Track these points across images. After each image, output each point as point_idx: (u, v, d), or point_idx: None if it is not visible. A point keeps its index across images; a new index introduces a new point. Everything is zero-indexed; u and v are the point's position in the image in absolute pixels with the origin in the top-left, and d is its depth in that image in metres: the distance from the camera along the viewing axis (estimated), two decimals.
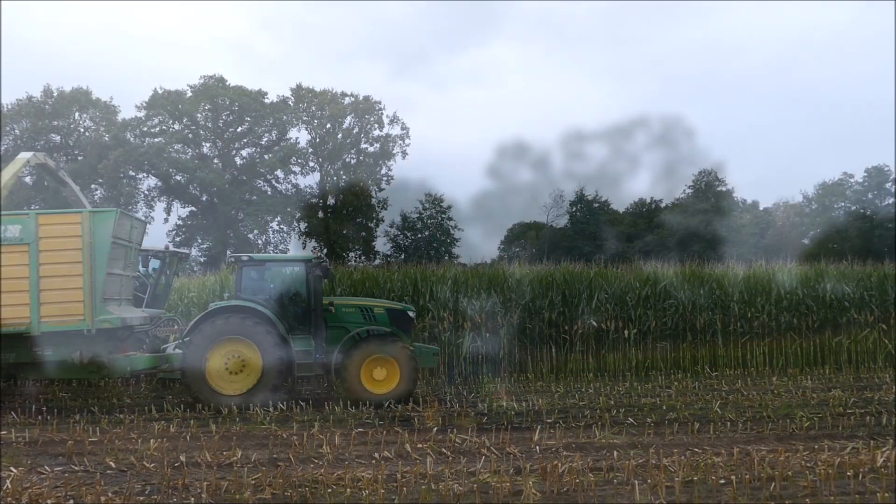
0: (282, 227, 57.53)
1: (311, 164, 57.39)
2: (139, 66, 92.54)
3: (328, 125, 56.65)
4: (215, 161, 54.65)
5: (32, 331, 11.97)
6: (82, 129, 57.52)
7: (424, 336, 16.50)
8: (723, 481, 7.10)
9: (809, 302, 17.95)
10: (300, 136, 57.25)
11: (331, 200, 56.98)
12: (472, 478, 7.39)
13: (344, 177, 57.10)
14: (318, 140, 56.63)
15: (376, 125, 58.15)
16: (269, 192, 55.73)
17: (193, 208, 54.11)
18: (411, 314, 14.01)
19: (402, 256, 64.09)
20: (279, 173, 56.19)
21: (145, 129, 53.52)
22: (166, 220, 52.86)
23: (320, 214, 56.73)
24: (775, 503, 6.24)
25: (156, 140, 52.29)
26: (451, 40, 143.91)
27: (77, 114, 57.19)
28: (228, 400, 12.21)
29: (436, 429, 10.03)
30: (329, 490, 6.88)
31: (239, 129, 55.25)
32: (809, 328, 17.79)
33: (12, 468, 8.08)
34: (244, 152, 56.91)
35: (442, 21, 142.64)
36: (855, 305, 18.00)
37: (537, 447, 8.93)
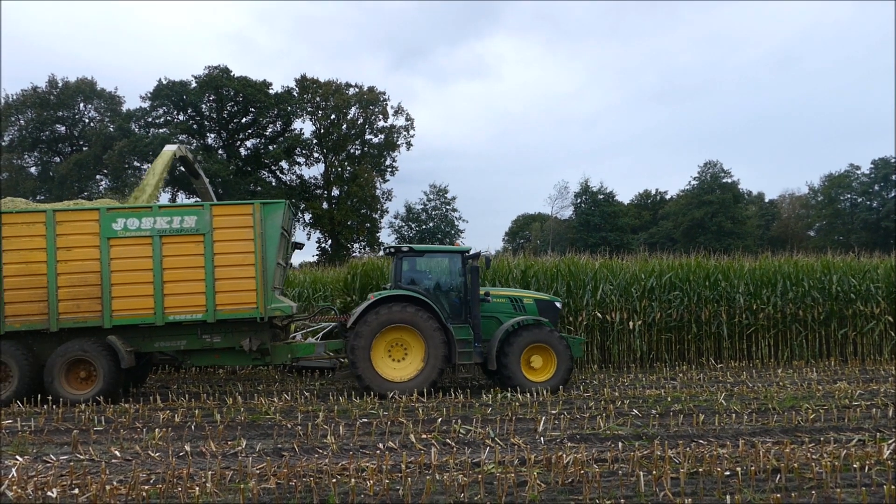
0: None
1: (316, 154, 57.38)
2: (143, 57, 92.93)
3: (333, 116, 56.54)
4: (220, 152, 54.66)
5: (208, 318, 12.40)
6: (87, 120, 57.66)
7: None
8: (728, 473, 7.08)
9: (815, 294, 17.87)
10: (305, 126, 57.22)
11: (335, 191, 56.97)
12: (476, 469, 7.38)
13: (349, 168, 57.01)
14: (322, 131, 56.55)
15: (381, 116, 58.05)
16: (274, 183, 55.72)
17: (198, 199, 54.19)
18: (558, 304, 14.31)
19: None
20: (284, 164, 56.20)
21: (150, 119, 53.57)
22: None
23: (325, 205, 56.70)
24: (781, 495, 6.21)
25: (160, 131, 52.30)
26: (450, 33, 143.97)
27: (82, 104, 57.34)
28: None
29: (440, 419, 10.03)
30: (334, 480, 6.88)
31: (244, 120, 55.22)
32: (815, 320, 17.72)
33: (18, 456, 8.13)
34: (249, 143, 56.95)
35: (442, 13, 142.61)
36: (861, 297, 17.92)
37: (542, 438, 8.92)
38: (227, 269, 12.44)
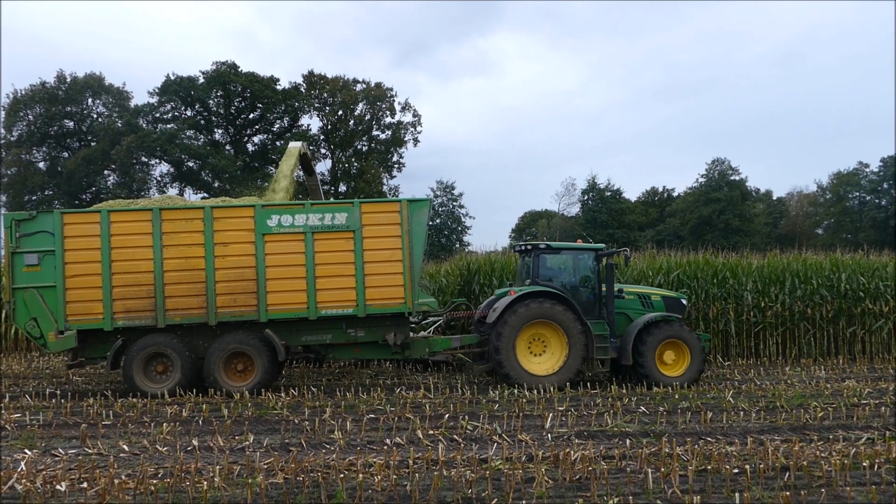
0: None
1: (323, 150, 57.41)
2: (150, 53, 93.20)
3: (340, 112, 56.55)
4: (227, 147, 54.77)
5: (358, 313, 12.62)
6: (95, 115, 57.77)
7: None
8: (736, 471, 7.06)
9: (823, 292, 17.79)
10: (312, 122, 57.27)
11: (342, 187, 56.98)
12: (483, 465, 7.38)
13: (356, 164, 57.02)
14: (329, 127, 56.57)
15: (388, 112, 58.02)
16: None
17: (205, 194, 54.28)
18: (684, 302, 14.46)
19: None
20: None
21: (158, 115, 53.68)
22: None
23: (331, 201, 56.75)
24: (790, 493, 6.19)
25: (168, 126, 52.44)
26: (453, 29, 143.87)
27: (90, 100, 57.45)
28: (538, 380, 12.67)
29: (447, 415, 10.03)
30: (341, 475, 6.89)
31: (251, 116, 55.28)
32: (823, 318, 17.64)
33: (27, 450, 8.16)
34: (256, 139, 57.00)
35: (444, 10, 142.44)
36: (870, 296, 17.82)
37: (549, 434, 8.91)
38: (377, 264, 12.64)
